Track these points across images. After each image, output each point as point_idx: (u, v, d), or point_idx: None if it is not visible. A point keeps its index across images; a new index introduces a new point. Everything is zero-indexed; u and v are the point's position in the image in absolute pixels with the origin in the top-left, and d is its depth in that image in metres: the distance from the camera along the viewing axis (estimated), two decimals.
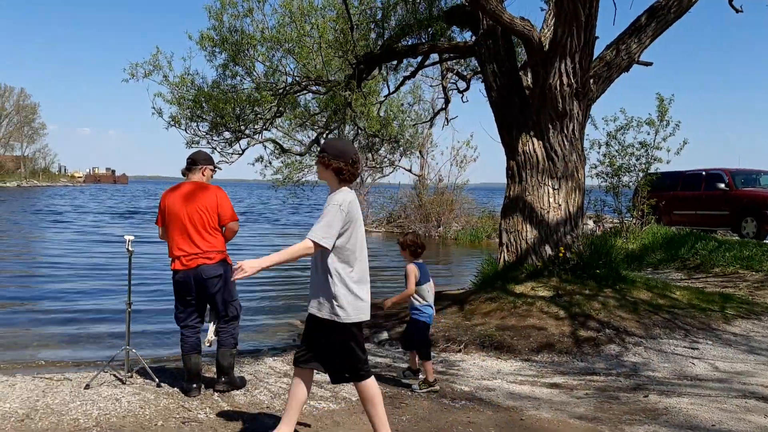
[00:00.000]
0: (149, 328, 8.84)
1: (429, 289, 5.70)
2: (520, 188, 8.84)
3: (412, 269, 5.60)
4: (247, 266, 3.60)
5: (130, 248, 5.73)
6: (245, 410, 4.98)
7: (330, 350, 4.00)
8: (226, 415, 4.86)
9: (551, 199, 8.65)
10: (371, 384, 3.96)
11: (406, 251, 5.75)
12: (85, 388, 5.39)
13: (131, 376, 5.73)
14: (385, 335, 7.62)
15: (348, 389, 5.51)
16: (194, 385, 5.37)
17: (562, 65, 8.20)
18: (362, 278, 3.91)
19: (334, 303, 3.82)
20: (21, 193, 69.13)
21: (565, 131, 8.63)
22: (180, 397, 5.28)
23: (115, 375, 5.78)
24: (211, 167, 5.70)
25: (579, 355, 6.85)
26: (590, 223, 17.99)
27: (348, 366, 3.99)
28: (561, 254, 8.48)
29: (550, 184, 8.66)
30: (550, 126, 8.61)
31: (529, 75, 9.51)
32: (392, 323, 8.09)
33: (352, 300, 3.84)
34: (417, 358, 5.87)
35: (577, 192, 8.78)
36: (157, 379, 5.60)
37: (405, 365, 6.31)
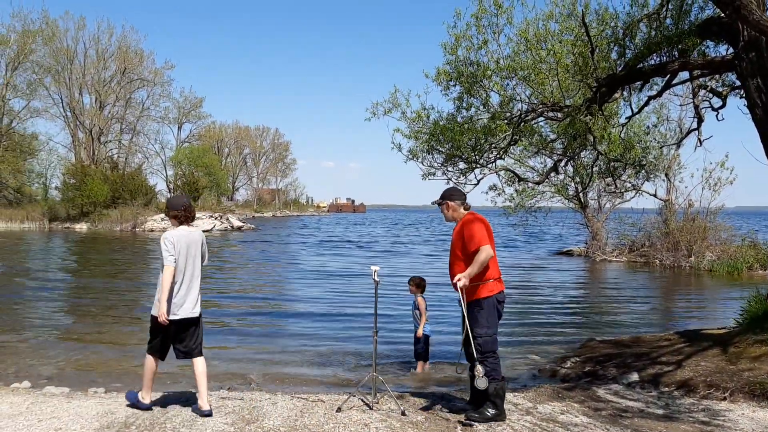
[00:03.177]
0: (388, 351, 9.13)
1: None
2: None
3: (424, 302, 8.15)
4: None
5: (376, 278, 6.03)
6: None
7: None
8: None
9: None
10: (147, 360, 5.61)
11: (417, 288, 8.17)
12: (336, 411, 5.71)
13: (377, 402, 5.94)
14: (635, 377, 7.04)
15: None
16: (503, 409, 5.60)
17: None
18: (182, 291, 5.49)
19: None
20: (277, 222, 76.95)
21: None
22: (424, 427, 5.36)
23: (363, 400, 6.04)
24: None
25: None
26: None
27: None
28: None
29: None
30: None
31: None
32: (643, 363, 7.48)
33: (175, 303, 5.44)
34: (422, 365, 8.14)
35: None
36: (402, 408, 5.75)
37: (660, 411, 5.86)
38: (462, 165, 11.71)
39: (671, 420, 5.69)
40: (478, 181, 11.81)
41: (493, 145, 11.34)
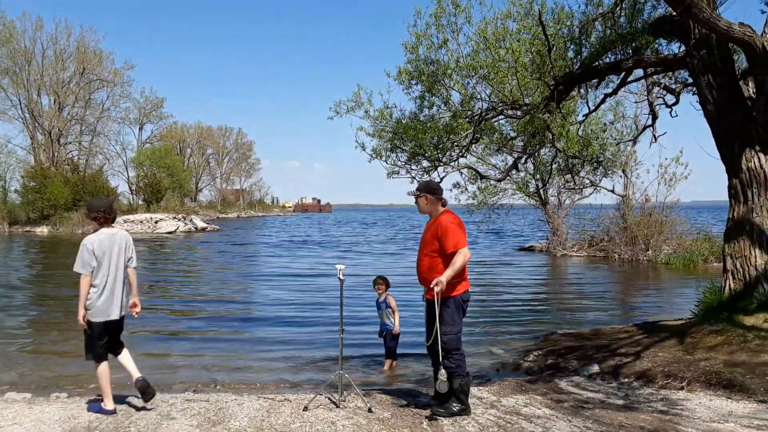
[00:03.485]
0: (355, 350, 9.16)
1: None
2: (746, 209, 7.99)
3: (394, 300, 8.31)
4: None
5: (341, 277, 6.04)
6: None
7: None
8: None
9: None
10: (99, 367, 5.62)
11: (384, 287, 8.30)
12: (303, 410, 5.72)
13: (344, 400, 5.97)
14: (595, 368, 7.21)
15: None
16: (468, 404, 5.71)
17: None
18: (107, 293, 5.56)
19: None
20: (241, 222, 76.20)
21: None
22: (390, 423, 5.40)
23: (329, 398, 6.07)
24: None
25: None
26: None
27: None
28: None
29: None
30: None
31: (751, 84, 8.62)
32: (603, 355, 7.65)
33: (98, 307, 5.52)
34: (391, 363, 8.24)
35: None
36: (368, 405, 5.79)
37: (620, 401, 6.01)
38: (425, 163, 11.80)
39: (631, 410, 5.83)
40: (441, 179, 11.91)
41: (456, 144, 11.44)
